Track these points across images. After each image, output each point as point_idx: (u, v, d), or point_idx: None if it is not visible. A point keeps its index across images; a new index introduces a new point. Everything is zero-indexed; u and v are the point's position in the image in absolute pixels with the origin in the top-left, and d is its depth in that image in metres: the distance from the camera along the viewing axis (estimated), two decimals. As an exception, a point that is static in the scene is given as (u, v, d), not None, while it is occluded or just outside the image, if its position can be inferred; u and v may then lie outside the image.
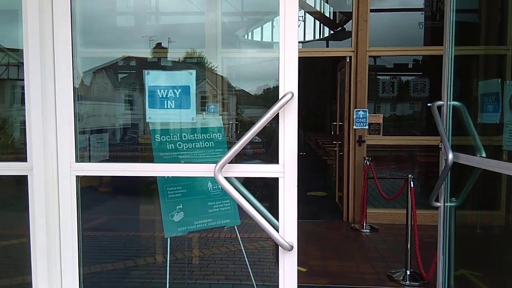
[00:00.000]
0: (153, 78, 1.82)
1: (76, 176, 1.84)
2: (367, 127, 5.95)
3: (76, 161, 1.85)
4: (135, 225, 5.43)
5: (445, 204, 2.74)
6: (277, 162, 1.82)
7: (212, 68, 6.40)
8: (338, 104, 7.04)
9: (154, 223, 4.55)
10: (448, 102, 2.67)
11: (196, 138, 3.54)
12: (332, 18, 9.42)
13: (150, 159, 3.46)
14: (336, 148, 7.21)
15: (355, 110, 5.90)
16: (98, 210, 5.80)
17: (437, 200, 2.77)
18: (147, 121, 1.87)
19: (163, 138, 3.38)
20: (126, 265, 4.48)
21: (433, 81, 6.17)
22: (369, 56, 5.87)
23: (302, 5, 7.87)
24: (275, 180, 1.83)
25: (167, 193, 3.29)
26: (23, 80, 1.85)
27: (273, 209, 1.88)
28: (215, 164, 1.75)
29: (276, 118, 1.78)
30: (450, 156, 2.44)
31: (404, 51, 6.00)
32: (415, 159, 6.84)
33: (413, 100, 6.33)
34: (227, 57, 6.59)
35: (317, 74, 18.27)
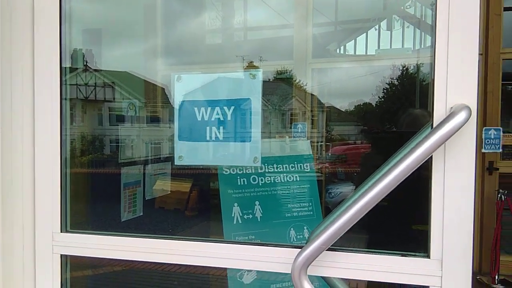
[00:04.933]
0: (188, 87, 1.02)
1: (61, 255, 1.09)
2: (500, 150, 4.57)
3: (63, 230, 1.10)
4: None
5: None
6: (423, 251, 0.87)
7: (301, 84, 5.64)
8: (456, 121, 5.71)
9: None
10: None
11: (276, 170, 2.68)
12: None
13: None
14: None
15: (485, 128, 4.56)
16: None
17: None
18: (175, 163, 1.07)
19: (233, 170, 2.57)
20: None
21: None
22: (503, 60, 4.53)
23: (401, 14, 6.78)
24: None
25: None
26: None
27: None
28: (296, 252, 0.86)
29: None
30: None
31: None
32: None
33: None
34: (317, 72, 5.78)
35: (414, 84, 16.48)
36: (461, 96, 0.81)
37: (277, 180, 2.67)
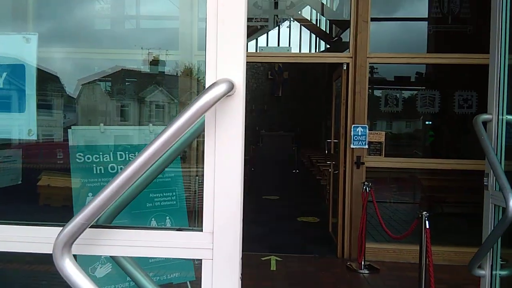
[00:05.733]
0: None
1: None
2: (366, 146, 5.01)
3: None
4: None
5: (494, 272, 1.79)
6: (198, 226, 0.87)
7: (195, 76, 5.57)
8: (333, 119, 6.13)
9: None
10: (501, 116, 1.75)
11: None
12: (328, 31, 8.65)
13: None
14: (330, 169, 6.27)
15: (353, 126, 4.97)
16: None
17: (480, 267, 1.81)
18: None
19: (88, 158, 2.42)
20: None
21: (444, 93, 5.28)
22: (370, 64, 4.97)
23: (297, 18, 7.12)
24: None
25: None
26: None
27: None
28: (57, 232, 0.79)
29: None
30: (512, 203, 1.50)
31: (412, 59, 5.09)
32: (422, 183, 5.91)
33: (420, 115, 5.44)
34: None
35: (312, 84, 17.51)
36: (228, 72, 0.83)
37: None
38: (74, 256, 0.88)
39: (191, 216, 2.70)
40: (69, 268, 0.78)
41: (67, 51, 4.55)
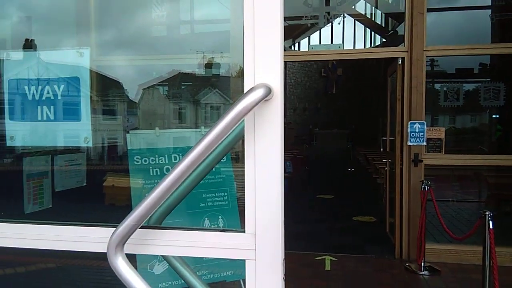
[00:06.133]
0: (15, 65, 0.98)
1: None
2: (424, 143, 4.80)
3: None
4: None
5: None
6: (241, 227, 0.90)
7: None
8: (388, 116, 5.93)
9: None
10: None
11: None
12: (384, 24, 8.38)
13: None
14: (386, 167, 6.08)
15: (410, 122, 4.78)
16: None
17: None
18: (7, 144, 1.02)
19: (145, 161, 2.55)
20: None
21: (510, 86, 4.91)
22: (427, 57, 4.74)
23: (351, 13, 6.97)
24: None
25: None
26: None
27: None
28: (111, 233, 0.85)
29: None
30: None
31: (473, 50, 4.78)
32: (487, 181, 5.54)
33: (485, 109, 5.10)
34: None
35: (367, 80, 17.06)
36: (265, 78, 0.85)
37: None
38: (131, 254, 0.94)
39: (243, 216, 2.74)
40: (122, 267, 0.84)
41: (128, 58, 4.79)
